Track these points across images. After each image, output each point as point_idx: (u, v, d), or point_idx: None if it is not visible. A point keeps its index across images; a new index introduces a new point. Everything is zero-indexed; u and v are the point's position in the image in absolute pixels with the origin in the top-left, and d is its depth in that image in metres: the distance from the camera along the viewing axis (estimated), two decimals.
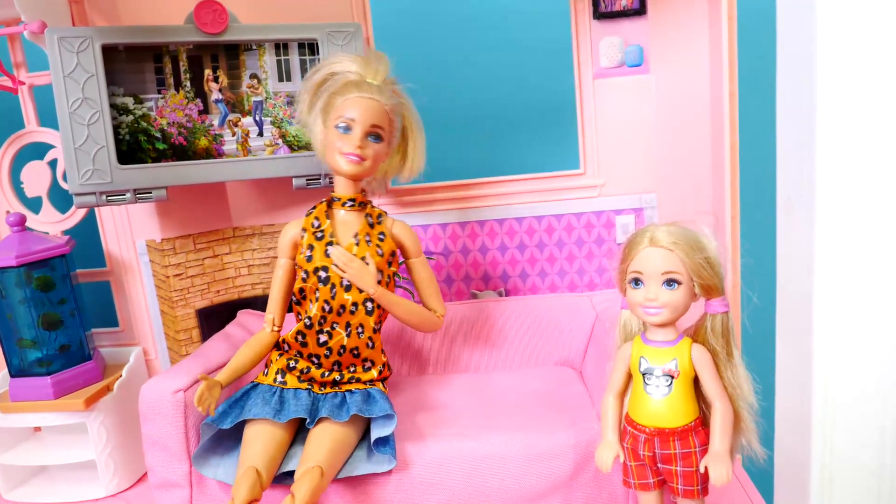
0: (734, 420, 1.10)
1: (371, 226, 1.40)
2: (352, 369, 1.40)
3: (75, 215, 1.84)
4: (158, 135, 1.64)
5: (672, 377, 1.10)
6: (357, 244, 1.36)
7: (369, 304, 1.36)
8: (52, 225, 1.85)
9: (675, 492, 1.13)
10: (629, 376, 1.17)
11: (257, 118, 1.71)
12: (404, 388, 1.64)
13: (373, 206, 1.44)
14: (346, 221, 1.40)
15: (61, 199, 1.86)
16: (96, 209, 1.85)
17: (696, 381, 1.12)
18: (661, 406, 1.10)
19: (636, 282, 1.10)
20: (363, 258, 1.34)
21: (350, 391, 1.37)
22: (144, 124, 1.63)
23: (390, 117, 1.38)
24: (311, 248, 1.36)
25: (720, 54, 1.56)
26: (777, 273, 0.97)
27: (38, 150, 1.84)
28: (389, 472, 1.32)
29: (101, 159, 1.57)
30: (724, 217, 1.58)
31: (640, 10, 1.68)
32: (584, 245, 1.83)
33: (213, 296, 1.90)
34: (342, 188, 1.40)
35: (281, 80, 1.72)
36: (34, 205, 1.86)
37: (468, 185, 1.81)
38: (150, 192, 1.61)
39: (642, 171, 1.77)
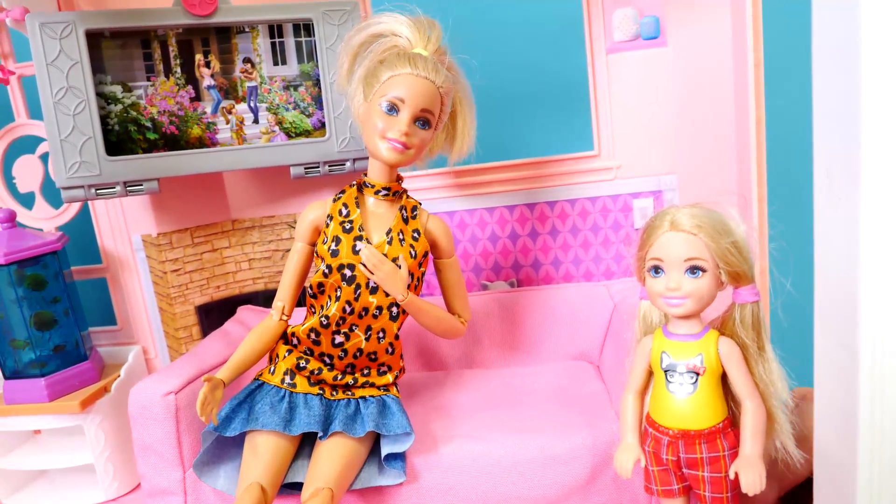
0: (767, 421, 1.01)
1: (405, 221, 1.26)
2: (366, 372, 1.29)
3: (69, 210, 1.78)
4: (149, 124, 1.56)
5: (697, 374, 1.00)
6: (389, 243, 1.22)
7: (395, 310, 1.24)
8: (45, 221, 1.79)
9: (702, 500, 1.03)
10: (650, 373, 1.08)
11: (252, 104, 1.63)
12: (415, 384, 1.56)
13: (408, 197, 1.29)
14: (378, 213, 1.26)
15: (55, 194, 1.79)
16: (90, 204, 1.78)
17: (724, 379, 1.02)
18: (686, 406, 1.01)
19: (656, 270, 1.00)
20: (395, 259, 1.21)
21: (364, 398, 1.27)
22: (134, 113, 1.55)
23: (443, 100, 1.22)
24: (336, 240, 1.22)
25: (743, 20, 1.45)
26: (815, 257, 0.86)
27: (29, 144, 1.78)
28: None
29: (88, 151, 1.49)
30: (750, 197, 1.47)
31: None
32: (600, 231, 1.73)
33: (213, 291, 1.83)
34: (377, 174, 1.25)
35: (276, 63, 1.63)
36: (28, 201, 1.80)
37: (475, 170, 1.71)
38: (142, 185, 1.54)
39: (661, 152, 1.66)
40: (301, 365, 1.26)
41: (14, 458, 1.69)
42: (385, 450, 1.19)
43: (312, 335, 1.25)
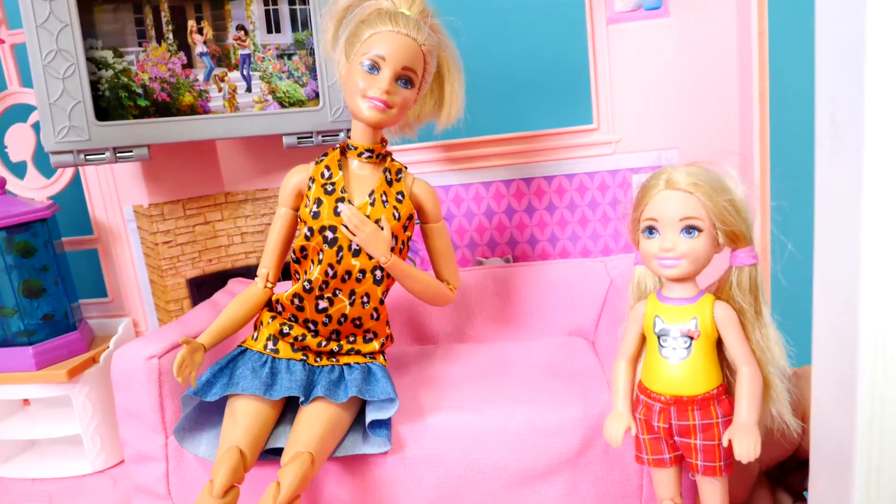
0: (763, 387, 0.97)
1: (389, 183, 1.23)
2: (351, 339, 1.27)
3: (61, 180, 1.76)
4: (140, 91, 1.54)
5: (691, 339, 0.97)
6: (372, 204, 1.20)
7: (378, 273, 1.21)
8: (36, 191, 1.77)
9: (693, 468, 1.00)
10: (643, 339, 1.05)
11: (245, 73, 1.60)
12: (405, 358, 1.53)
13: (393, 160, 1.27)
14: (362, 176, 1.24)
15: (47, 164, 1.77)
16: (81, 173, 1.77)
17: (719, 344, 0.99)
18: (679, 371, 0.97)
19: (650, 230, 0.97)
20: (377, 221, 1.18)
21: (349, 365, 1.24)
22: (125, 79, 1.53)
23: (426, 59, 1.19)
24: (318, 202, 1.20)
25: None
26: (815, 212, 0.83)
27: (21, 113, 1.76)
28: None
29: (77, 115, 1.47)
30: (752, 172, 1.43)
31: None
32: (598, 207, 1.69)
33: (205, 265, 1.80)
34: (360, 136, 1.22)
35: (270, 31, 1.60)
36: (20, 170, 1.79)
37: (471, 143, 1.68)
38: (131, 151, 1.52)
39: (662, 126, 1.62)
40: (284, 331, 1.23)
41: (3, 428, 1.67)
42: (369, 416, 1.17)
43: (296, 301, 1.22)
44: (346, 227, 1.17)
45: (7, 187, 1.67)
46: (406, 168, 1.28)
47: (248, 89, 1.60)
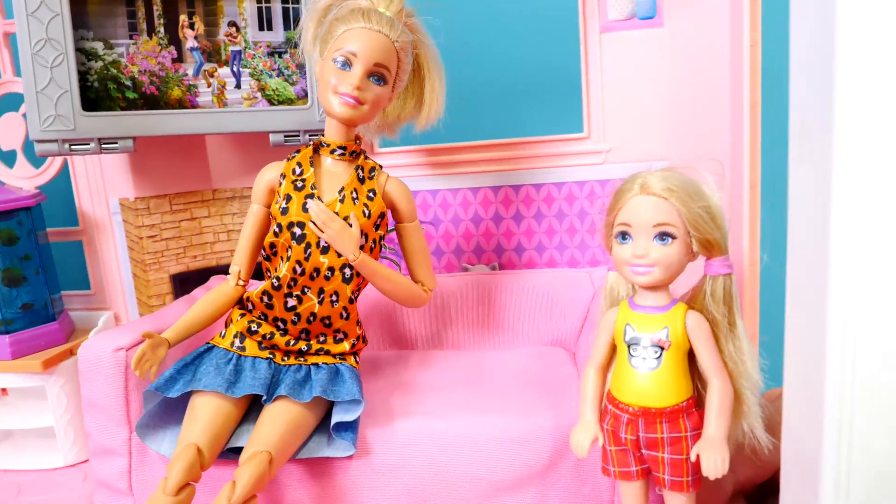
0: (734, 401, 0.94)
1: (361, 181, 1.22)
2: (321, 339, 1.25)
3: (50, 170, 1.76)
4: (129, 83, 1.53)
5: (662, 348, 0.94)
6: (341, 201, 1.18)
7: (347, 271, 1.19)
8: (25, 180, 1.77)
9: (660, 483, 0.97)
10: (614, 347, 1.02)
11: (235, 69, 1.60)
12: (380, 362, 1.50)
13: (367, 158, 1.25)
14: (333, 173, 1.22)
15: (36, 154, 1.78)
16: (70, 164, 1.76)
17: (691, 356, 0.96)
18: (648, 382, 0.94)
19: (623, 235, 0.95)
20: (346, 218, 1.17)
21: (316, 365, 1.22)
22: (114, 71, 1.52)
23: (399, 56, 1.18)
24: (287, 198, 1.18)
25: (741, 1, 1.39)
26: (788, 218, 0.80)
27: (14, 102, 1.77)
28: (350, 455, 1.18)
29: (64, 105, 1.47)
30: (742, 186, 1.40)
31: None
32: (587, 217, 1.67)
33: (189, 261, 1.79)
34: (333, 133, 1.21)
35: (261, 28, 1.60)
36: (10, 159, 1.79)
37: (459, 148, 1.66)
38: (116, 143, 1.51)
39: (653, 136, 1.60)
40: (252, 329, 1.21)
41: None
42: (334, 419, 1.14)
43: (265, 298, 1.20)
44: (314, 223, 1.15)
45: (2, 184, 1.67)
46: (381, 167, 1.26)
47: (238, 86, 1.60)
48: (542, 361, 1.43)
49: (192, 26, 1.56)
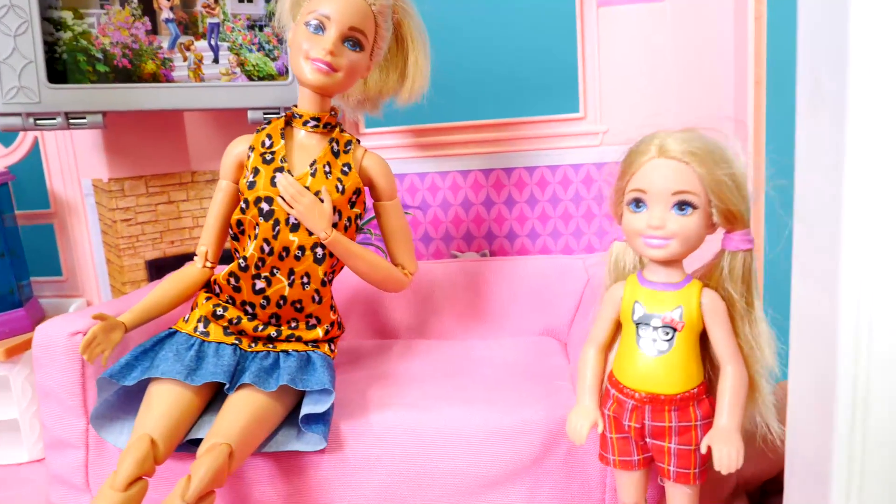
0: (748, 389, 0.86)
1: (335, 154, 1.13)
2: (292, 325, 1.16)
3: (20, 149, 1.68)
4: (100, 55, 1.45)
5: (674, 330, 0.85)
6: (313, 175, 1.10)
7: (319, 251, 1.10)
8: None
9: (665, 474, 0.88)
10: (618, 326, 0.92)
11: (212, 42, 1.51)
12: (360, 352, 1.42)
13: (342, 131, 1.17)
14: (306, 146, 1.13)
15: (7, 133, 1.70)
16: (41, 143, 1.68)
17: (702, 338, 0.87)
18: (657, 366, 0.86)
19: (637, 203, 0.84)
20: (317, 193, 1.08)
21: (286, 352, 1.13)
22: (84, 43, 1.44)
23: (377, 21, 1.10)
24: (255, 171, 1.10)
25: None
26: (796, 171, 0.71)
27: None
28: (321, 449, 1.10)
29: (28, 76, 1.39)
30: (746, 153, 1.31)
31: None
32: (582, 202, 1.58)
33: (166, 246, 1.71)
34: (305, 103, 1.12)
35: (241, 0, 1.52)
36: None
37: (449, 128, 1.58)
38: (84, 118, 1.43)
39: (653, 117, 1.51)
40: (218, 313, 1.12)
41: None
42: (303, 410, 1.05)
43: (232, 280, 1.12)
44: (282, 198, 1.07)
45: None
46: (358, 141, 1.18)
47: (216, 60, 1.51)
48: (531, 352, 1.35)
49: None
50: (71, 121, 1.42)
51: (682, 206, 0.82)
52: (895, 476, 0.70)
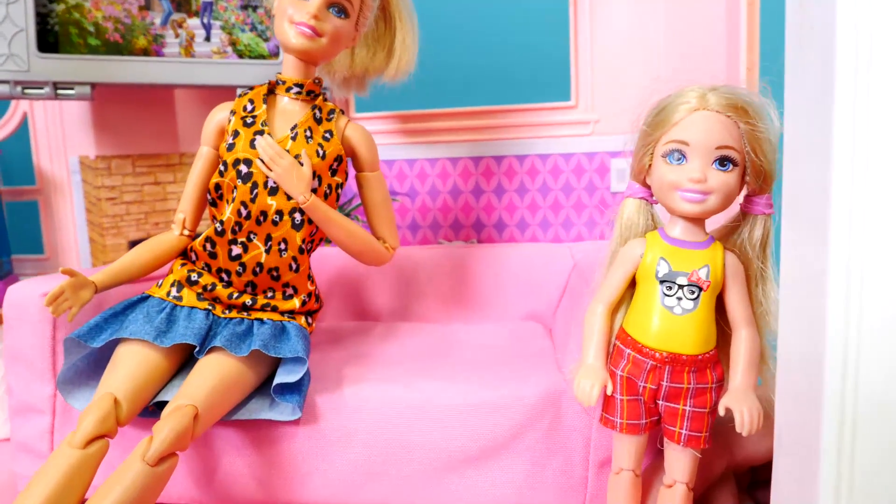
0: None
1: (318, 121, 1.12)
2: (269, 294, 1.13)
3: (8, 125, 1.67)
4: (91, 28, 1.45)
5: (700, 289, 0.83)
6: (293, 138, 1.08)
7: (297, 216, 1.08)
8: None
9: (673, 437, 0.85)
10: (630, 286, 0.90)
11: (205, 20, 1.51)
12: (339, 332, 1.39)
13: (326, 100, 1.15)
14: (288, 111, 1.12)
15: None
16: (29, 118, 1.67)
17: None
18: (683, 325, 0.83)
19: (678, 155, 0.82)
20: (297, 157, 1.06)
21: (260, 321, 1.11)
22: (77, 15, 1.44)
23: None
24: (235, 133, 1.09)
25: None
26: (786, 114, 0.70)
27: None
28: (295, 420, 1.06)
29: (18, 44, 1.38)
30: None
31: None
32: (573, 192, 1.56)
33: (151, 228, 1.69)
34: (290, 69, 1.11)
35: None
36: None
37: (438, 115, 1.57)
38: (73, 88, 1.42)
39: (646, 105, 1.50)
40: (192, 279, 1.10)
41: None
42: (276, 379, 1.02)
43: (208, 246, 1.10)
44: (261, 161, 1.05)
45: None
46: (342, 111, 1.16)
47: (208, 38, 1.51)
48: (515, 335, 1.32)
49: None
50: (59, 91, 1.41)
51: (723, 161, 0.80)
52: (887, 452, 0.67)
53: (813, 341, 0.67)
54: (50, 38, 1.42)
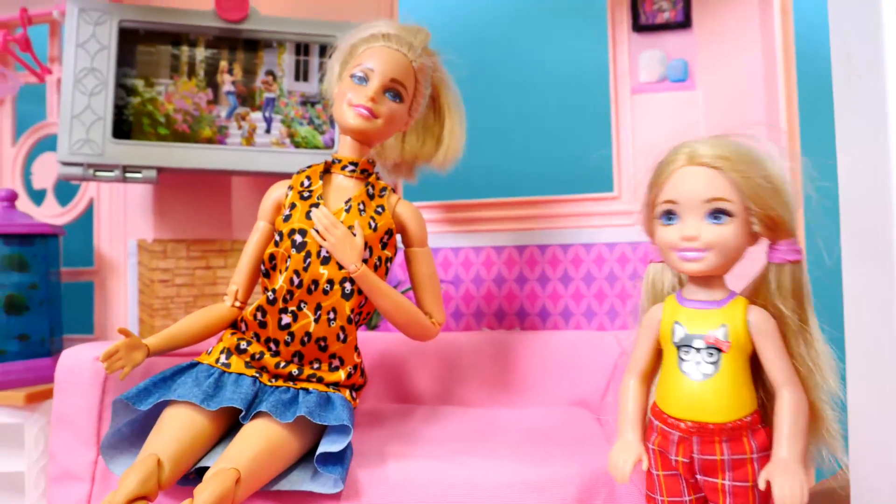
0: (809, 416, 0.78)
1: (370, 196, 1.17)
2: (315, 365, 1.14)
3: (74, 210, 1.76)
4: (162, 119, 1.56)
5: (720, 351, 0.79)
6: (347, 211, 1.13)
7: (348, 286, 1.10)
8: (50, 218, 1.77)
9: None
10: (658, 353, 0.87)
11: (267, 114, 1.62)
12: (381, 414, 1.36)
13: (379, 178, 1.21)
14: (343, 187, 1.17)
15: (64, 196, 1.79)
16: (95, 202, 1.76)
17: (754, 361, 0.80)
18: (704, 391, 0.79)
19: (669, 215, 0.82)
20: (350, 228, 1.11)
21: (306, 390, 1.10)
22: (150, 107, 1.56)
23: (417, 77, 1.19)
24: (292, 206, 1.14)
25: (774, 61, 1.38)
26: (838, 156, 0.71)
27: (55, 144, 1.81)
28: (337, 493, 1.03)
29: (95, 131, 1.49)
30: None
31: (684, 23, 1.54)
32: (617, 282, 1.56)
33: None
34: (346, 149, 1.17)
35: (297, 79, 1.64)
36: (40, 199, 1.80)
37: (483, 205, 1.62)
38: (140, 172, 1.51)
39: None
40: (241, 347, 1.12)
41: None
42: (320, 448, 1.00)
43: (259, 315, 1.12)
44: (316, 231, 1.09)
45: (23, 212, 1.67)
46: (393, 189, 1.22)
47: (268, 130, 1.61)
48: (562, 419, 1.28)
49: (230, 71, 1.61)
50: (127, 174, 1.50)
51: (716, 214, 0.78)
52: None
53: (888, 397, 0.65)
54: (124, 128, 1.54)
